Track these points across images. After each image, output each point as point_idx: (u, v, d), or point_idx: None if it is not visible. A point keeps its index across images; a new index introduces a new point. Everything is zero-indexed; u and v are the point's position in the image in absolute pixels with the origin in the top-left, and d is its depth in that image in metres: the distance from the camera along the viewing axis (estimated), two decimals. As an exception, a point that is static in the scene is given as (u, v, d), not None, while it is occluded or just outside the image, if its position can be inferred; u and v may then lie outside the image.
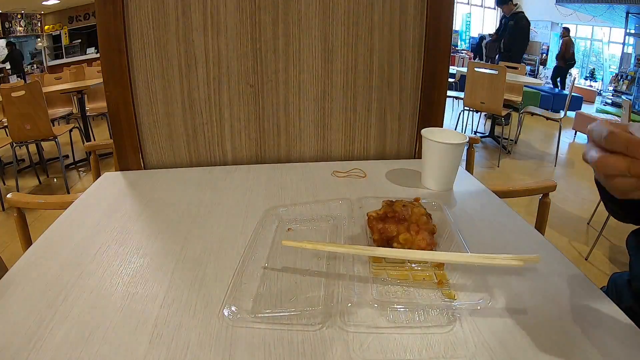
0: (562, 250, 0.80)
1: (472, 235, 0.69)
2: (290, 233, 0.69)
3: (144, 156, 1.04)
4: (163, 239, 0.69)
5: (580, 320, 0.48)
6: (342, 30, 1.00)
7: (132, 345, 0.46)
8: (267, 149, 1.08)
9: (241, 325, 0.48)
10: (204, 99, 1.01)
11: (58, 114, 3.92)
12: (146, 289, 0.55)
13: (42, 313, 0.50)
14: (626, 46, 7.90)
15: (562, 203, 2.78)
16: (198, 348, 0.45)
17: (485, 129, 4.79)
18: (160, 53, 0.97)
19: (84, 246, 0.66)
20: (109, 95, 0.98)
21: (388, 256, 0.58)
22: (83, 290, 0.55)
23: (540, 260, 0.53)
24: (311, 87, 1.03)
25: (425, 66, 1.03)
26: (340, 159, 1.10)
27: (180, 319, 0.50)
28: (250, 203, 0.81)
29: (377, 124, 1.08)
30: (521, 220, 0.74)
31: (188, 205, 0.81)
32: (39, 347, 0.45)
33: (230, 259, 0.62)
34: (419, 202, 0.66)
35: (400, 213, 0.61)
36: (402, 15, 1.00)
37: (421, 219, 0.61)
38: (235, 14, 0.96)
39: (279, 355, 0.44)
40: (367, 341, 0.46)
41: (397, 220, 0.60)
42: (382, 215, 0.62)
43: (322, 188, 0.89)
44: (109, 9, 0.91)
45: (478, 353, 0.45)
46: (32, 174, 3.47)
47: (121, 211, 0.78)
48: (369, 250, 0.58)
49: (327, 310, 0.51)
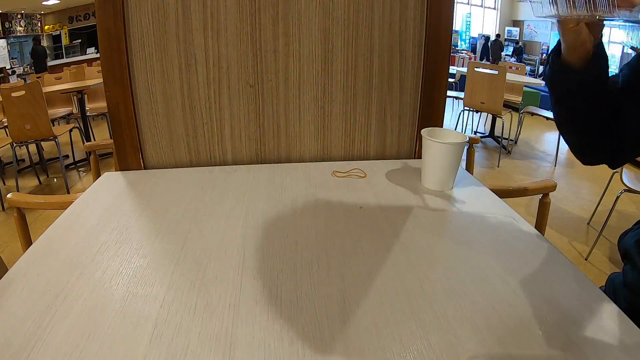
0: (562, 250, 0.80)
1: (472, 235, 0.69)
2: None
3: (144, 156, 1.04)
4: (163, 239, 0.69)
5: (580, 320, 0.48)
6: (342, 30, 1.00)
7: (132, 345, 0.46)
8: (267, 149, 1.08)
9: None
10: (204, 99, 1.01)
11: (58, 114, 3.91)
12: (146, 289, 0.55)
13: (42, 313, 0.50)
14: (626, 46, 7.90)
15: (562, 203, 2.78)
16: (198, 348, 0.45)
17: (485, 129, 4.79)
18: (160, 53, 0.97)
19: (84, 246, 0.66)
20: (109, 95, 0.98)
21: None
22: (83, 290, 0.55)
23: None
24: (311, 87, 1.03)
25: (425, 66, 1.03)
26: (340, 159, 1.10)
27: (180, 319, 0.50)
28: (250, 203, 0.81)
29: (377, 124, 1.08)
30: (521, 220, 0.74)
31: (188, 205, 0.81)
32: (39, 347, 0.45)
33: (230, 259, 0.62)
34: None
35: None
36: (402, 15, 1.00)
37: None
38: (235, 14, 0.96)
39: (278, 355, 0.44)
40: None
41: None
42: None
43: (322, 188, 0.88)
44: (109, 9, 0.91)
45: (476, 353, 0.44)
46: (32, 174, 3.47)
47: (121, 211, 0.78)
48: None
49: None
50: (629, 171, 2.12)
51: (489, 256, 0.63)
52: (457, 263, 0.61)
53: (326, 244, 0.66)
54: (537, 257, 0.63)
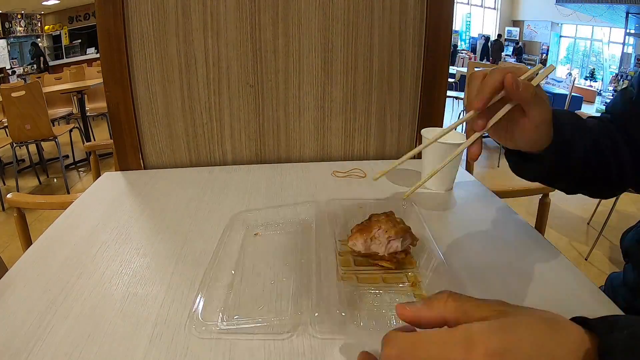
0: (562, 250, 0.80)
1: (472, 235, 0.69)
2: (258, 238, 0.67)
3: (144, 156, 1.04)
4: (163, 239, 0.69)
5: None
6: (342, 30, 1.00)
7: (132, 345, 0.46)
8: (267, 149, 1.08)
9: (207, 336, 0.47)
10: (204, 99, 1.01)
11: (58, 114, 3.92)
12: (146, 289, 0.55)
13: (42, 313, 0.50)
14: (626, 46, 7.91)
15: (562, 203, 2.78)
16: (198, 348, 0.45)
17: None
18: (160, 53, 0.97)
19: (84, 246, 0.66)
20: (109, 95, 0.98)
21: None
22: (83, 290, 0.55)
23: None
24: (311, 87, 1.03)
25: (425, 66, 1.03)
26: (340, 159, 1.10)
27: (180, 319, 0.50)
28: (250, 203, 0.81)
29: (377, 124, 1.08)
30: (521, 220, 0.74)
31: (188, 205, 0.81)
32: (38, 347, 0.45)
33: (230, 259, 0.62)
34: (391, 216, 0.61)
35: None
36: (402, 15, 1.00)
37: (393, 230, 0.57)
38: (235, 14, 0.96)
39: (278, 355, 0.44)
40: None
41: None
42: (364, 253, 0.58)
43: (322, 188, 0.89)
44: (109, 9, 0.91)
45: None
46: (32, 174, 3.47)
47: (121, 211, 0.79)
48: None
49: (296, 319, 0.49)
50: (629, 171, 2.11)
51: (489, 256, 0.63)
52: (456, 263, 0.61)
53: (326, 244, 0.66)
54: (537, 258, 0.63)
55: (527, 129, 0.48)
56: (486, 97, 0.45)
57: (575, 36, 9.85)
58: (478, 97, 0.45)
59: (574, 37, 9.87)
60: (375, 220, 0.58)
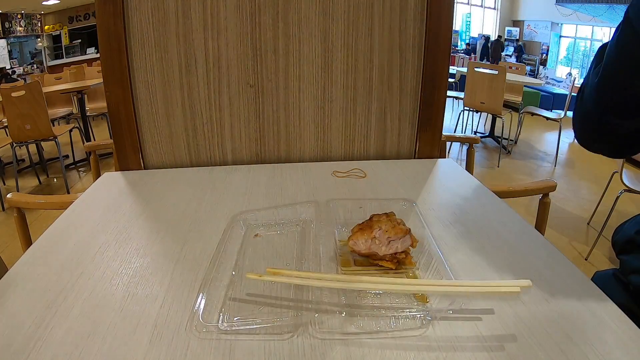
0: (562, 250, 0.80)
1: (472, 235, 0.69)
2: (258, 239, 0.67)
3: (144, 156, 1.04)
4: (163, 239, 0.69)
5: (580, 320, 0.48)
6: (342, 30, 1.00)
7: (132, 345, 0.46)
8: (267, 149, 1.08)
9: (208, 337, 0.47)
10: (204, 99, 1.01)
11: (58, 114, 3.91)
12: (146, 289, 0.55)
13: (42, 313, 0.50)
14: (626, 46, 7.89)
15: (562, 203, 2.78)
16: (198, 348, 0.45)
17: (485, 129, 4.79)
18: (160, 53, 0.97)
19: (84, 246, 0.66)
20: (109, 95, 0.98)
21: (371, 289, 0.52)
22: (83, 291, 0.55)
23: (531, 285, 0.49)
24: (311, 87, 1.03)
25: (425, 66, 1.03)
26: (340, 159, 1.10)
27: (180, 319, 0.50)
28: (251, 203, 0.81)
29: (377, 124, 1.08)
30: (521, 220, 0.74)
31: (188, 205, 0.81)
32: (39, 347, 0.45)
33: (230, 259, 0.62)
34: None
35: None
36: (402, 15, 1.00)
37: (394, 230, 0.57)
38: (235, 14, 0.96)
39: (279, 355, 0.44)
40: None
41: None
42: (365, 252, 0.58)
43: (322, 188, 0.88)
44: (109, 9, 0.91)
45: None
46: (32, 174, 3.47)
47: (121, 211, 0.78)
48: (353, 283, 0.51)
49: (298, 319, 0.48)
50: (629, 171, 2.12)
51: (489, 256, 0.63)
52: (456, 263, 0.61)
53: (326, 244, 0.66)
54: (537, 257, 0.63)
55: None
56: None
57: (575, 36, 9.84)
58: None
59: (574, 37, 9.86)
60: (376, 221, 0.58)
